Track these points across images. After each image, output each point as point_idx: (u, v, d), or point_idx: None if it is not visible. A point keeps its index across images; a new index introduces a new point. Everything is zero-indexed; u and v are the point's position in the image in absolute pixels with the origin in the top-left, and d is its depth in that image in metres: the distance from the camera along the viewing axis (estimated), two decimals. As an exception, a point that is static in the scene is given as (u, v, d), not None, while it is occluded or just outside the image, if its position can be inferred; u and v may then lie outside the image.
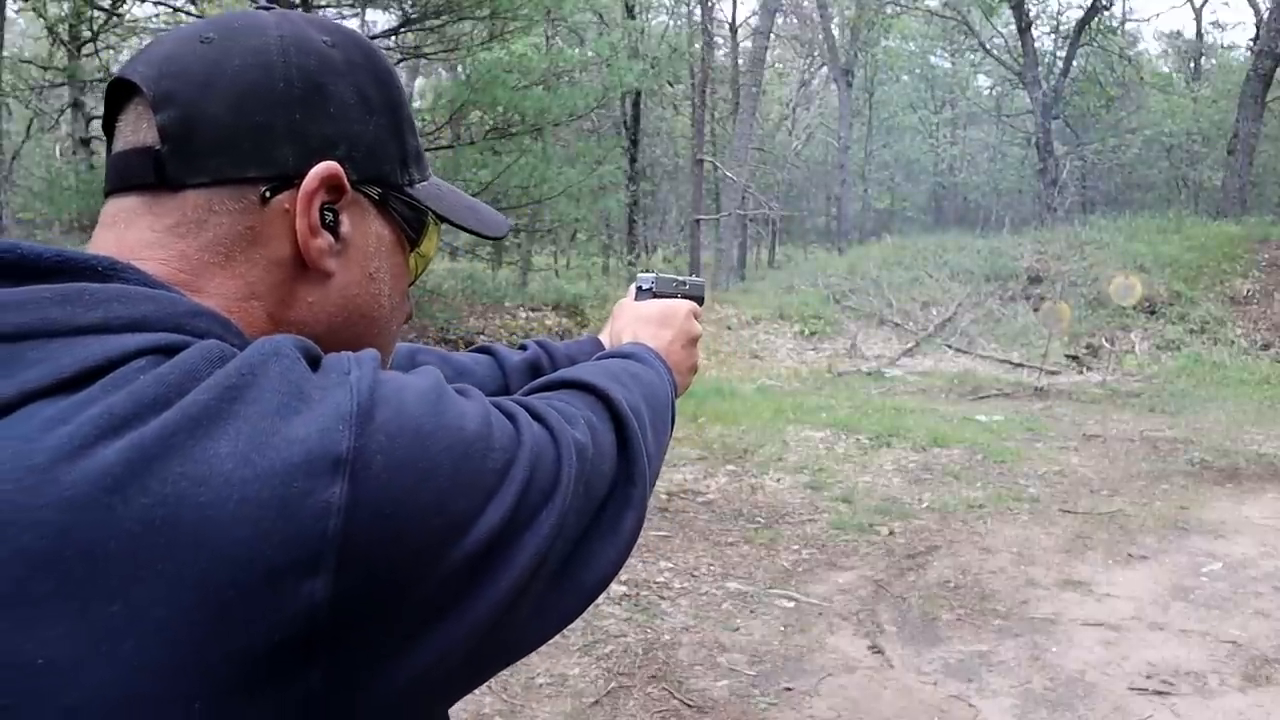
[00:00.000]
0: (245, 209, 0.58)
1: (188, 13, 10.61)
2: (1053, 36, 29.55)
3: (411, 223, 0.66)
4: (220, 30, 0.60)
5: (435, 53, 11.37)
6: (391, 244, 0.65)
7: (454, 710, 0.67)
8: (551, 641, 0.76)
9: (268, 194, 0.58)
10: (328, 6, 10.99)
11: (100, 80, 12.32)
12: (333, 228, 0.60)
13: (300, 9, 10.18)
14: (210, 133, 0.57)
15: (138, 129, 0.59)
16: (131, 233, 0.58)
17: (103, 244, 0.59)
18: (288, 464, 0.46)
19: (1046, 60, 25.74)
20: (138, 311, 0.51)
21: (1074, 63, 22.57)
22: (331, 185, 0.59)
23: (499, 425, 0.55)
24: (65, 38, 11.89)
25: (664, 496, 6.05)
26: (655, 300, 1.04)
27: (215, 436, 0.46)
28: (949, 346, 12.97)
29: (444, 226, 0.72)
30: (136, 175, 0.58)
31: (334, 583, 0.46)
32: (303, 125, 0.59)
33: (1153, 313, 13.09)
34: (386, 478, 0.48)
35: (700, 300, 1.13)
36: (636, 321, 1.00)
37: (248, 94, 0.58)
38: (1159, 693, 3.60)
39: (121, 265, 0.55)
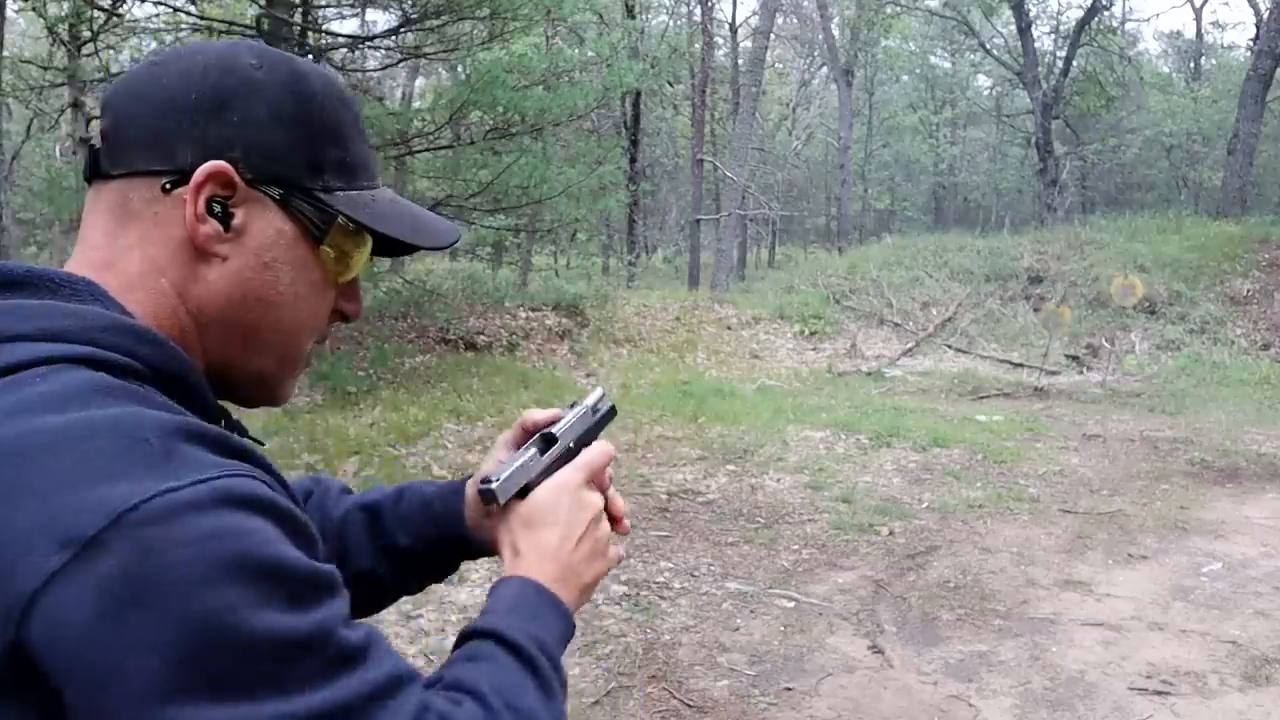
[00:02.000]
0: (153, 198, 0.68)
1: (188, 12, 10.61)
2: (1053, 36, 29.56)
3: (316, 221, 0.72)
4: (170, 55, 0.72)
5: (435, 53, 11.36)
6: (293, 238, 0.72)
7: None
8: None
9: (168, 185, 0.68)
10: (327, 7, 10.98)
11: (100, 80, 12.30)
12: (220, 217, 0.69)
13: (300, 10, 10.19)
14: (131, 133, 0.69)
15: (92, 131, 0.75)
16: (89, 217, 0.71)
17: (84, 227, 0.71)
18: (35, 521, 0.51)
19: (1046, 60, 25.72)
20: (56, 325, 0.61)
21: (1074, 63, 22.53)
22: (222, 181, 0.68)
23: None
24: (65, 38, 11.87)
25: (664, 496, 6.05)
26: (534, 493, 0.83)
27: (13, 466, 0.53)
28: (949, 346, 12.96)
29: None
30: (88, 168, 0.71)
31: (12, 641, 0.50)
32: (203, 130, 0.68)
33: (1153, 313, 13.07)
34: (103, 579, 0.50)
35: (603, 423, 0.93)
36: (518, 528, 0.83)
37: (166, 103, 0.68)
38: (1159, 693, 3.60)
39: (75, 279, 0.66)
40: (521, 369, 10.15)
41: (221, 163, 0.67)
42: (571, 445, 0.88)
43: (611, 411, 0.96)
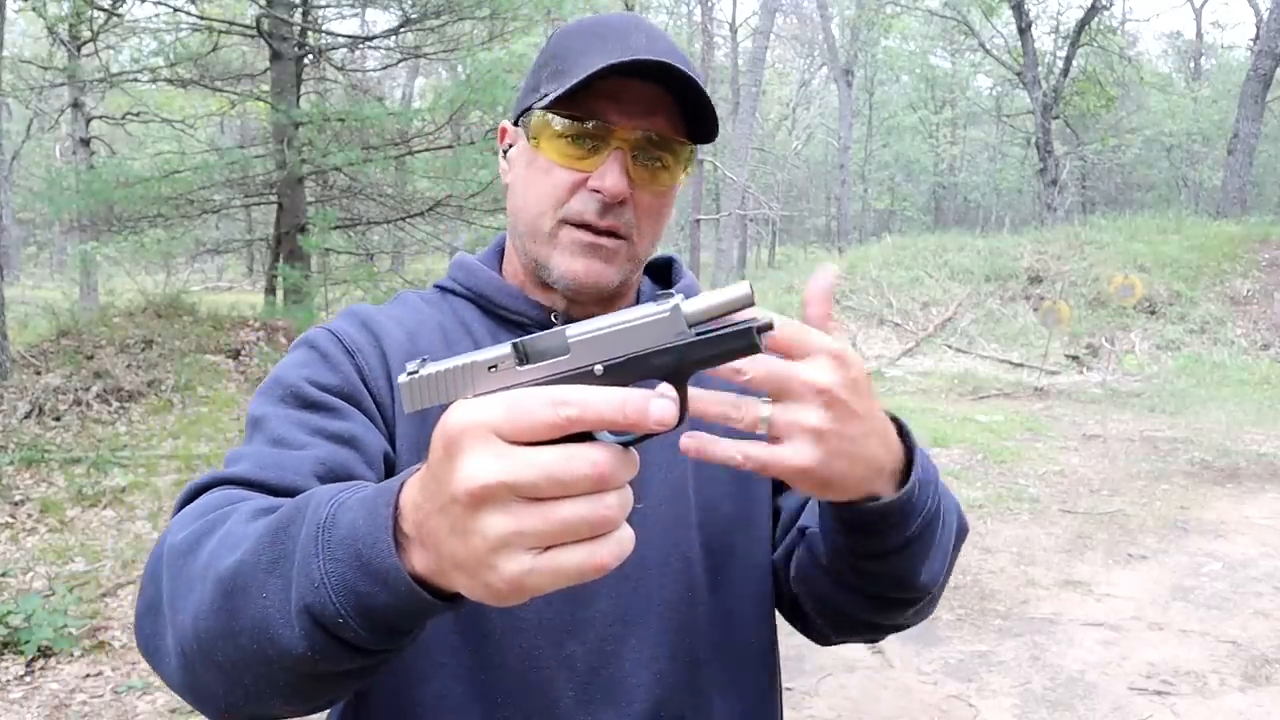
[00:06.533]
0: None
1: (188, 13, 10.60)
2: (1053, 36, 29.53)
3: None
4: None
5: (435, 53, 11.37)
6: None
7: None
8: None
9: None
10: (327, 7, 10.98)
11: (100, 80, 12.30)
12: None
13: (300, 10, 10.18)
14: None
15: None
16: None
17: None
18: None
19: (1046, 60, 25.71)
20: None
21: (1074, 63, 22.53)
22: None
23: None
24: (65, 38, 11.88)
25: (664, 496, 6.04)
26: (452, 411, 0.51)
27: None
28: (949, 346, 12.97)
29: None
30: None
31: None
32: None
33: (1153, 313, 13.08)
34: None
35: (710, 351, 0.53)
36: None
37: None
38: (1159, 693, 3.60)
39: None
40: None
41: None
42: (599, 370, 0.51)
43: (744, 335, 0.53)
